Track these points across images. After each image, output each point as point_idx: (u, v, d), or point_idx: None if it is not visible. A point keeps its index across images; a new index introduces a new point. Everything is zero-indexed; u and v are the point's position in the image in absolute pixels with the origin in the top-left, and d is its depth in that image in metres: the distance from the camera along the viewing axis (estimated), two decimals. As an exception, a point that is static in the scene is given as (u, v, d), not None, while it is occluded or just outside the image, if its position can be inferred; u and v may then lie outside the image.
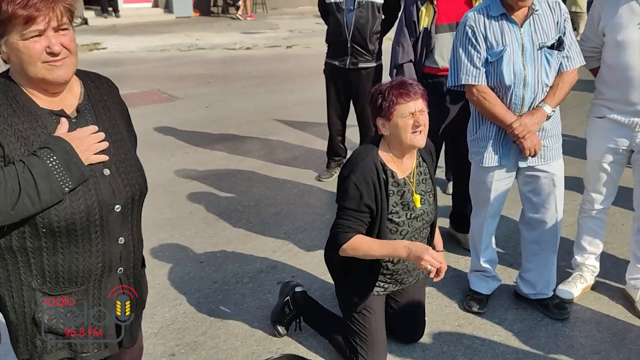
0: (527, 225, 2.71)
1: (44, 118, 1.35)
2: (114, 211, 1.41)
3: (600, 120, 2.58)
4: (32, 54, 1.28)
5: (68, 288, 1.41)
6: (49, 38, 1.29)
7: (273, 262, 3.28)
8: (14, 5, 1.23)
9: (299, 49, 10.32)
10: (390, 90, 2.14)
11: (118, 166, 1.43)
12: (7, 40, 1.28)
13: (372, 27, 3.88)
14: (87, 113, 1.43)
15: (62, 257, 1.37)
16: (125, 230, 1.47)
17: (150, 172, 5.11)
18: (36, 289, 1.40)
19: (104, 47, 10.44)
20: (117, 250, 1.45)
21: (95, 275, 1.43)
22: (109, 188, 1.40)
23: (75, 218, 1.34)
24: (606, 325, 2.66)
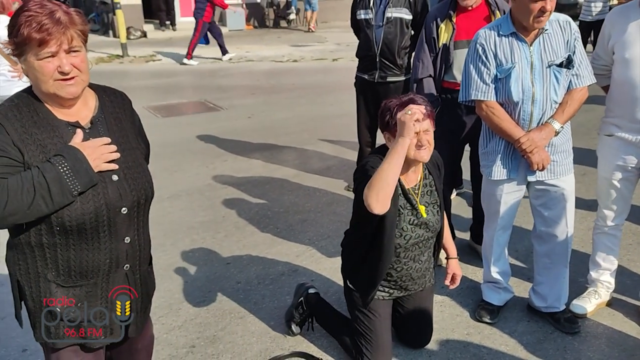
0: (539, 238, 2.75)
1: (61, 129, 1.52)
2: (121, 213, 1.56)
3: (609, 138, 2.60)
4: (45, 73, 1.46)
5: (79, 281, 1.57)
6: (61, 59, 1.45)
7: (295, 266, 3.44)
8: (30, 29, 1.41)
9: (345, 62, 10.51)
10: (398, 109, 2.23)
11: (126, 173, 1.58)
12: (25, 59, 1.47)
13: (401, 42, 4.00)
14: (99, 124, 1.60)
15: (73, 252, 1.53)
16: (131, 231, 1.61)
17: (189, 177, 5.41)
18: (51, 280, 1.56)
19: (159, 59, 10.99)
20: (123, 248, 1.60)
21: (104, 271, 1.59)
22: (116, 192, 1.55)
23: (85, 218, 1.50)
24: (617, 341, 2.66)
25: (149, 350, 1.99)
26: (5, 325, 2.88)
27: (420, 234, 2.39)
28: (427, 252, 2.49)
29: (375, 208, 2.08)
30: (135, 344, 1.88)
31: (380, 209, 2.09)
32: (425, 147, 2.24)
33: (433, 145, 2.30)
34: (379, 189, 2.07)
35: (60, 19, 1.44)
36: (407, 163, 2.32)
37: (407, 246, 2.38)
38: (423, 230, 2.39)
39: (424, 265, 2.49)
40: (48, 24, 1.43)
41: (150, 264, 1.81)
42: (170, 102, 7.62)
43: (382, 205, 2.08)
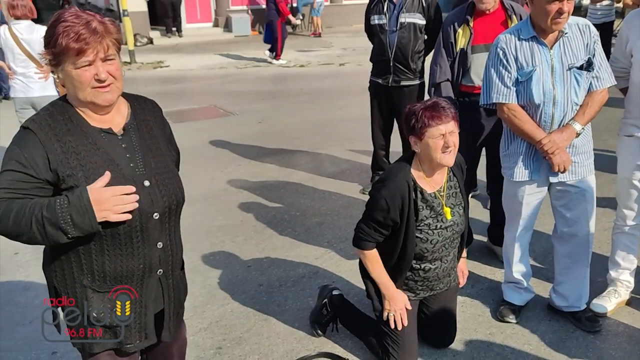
0: (560, 239, 2.79)
1: (94, 135, 1.56)
2: (153, 219, 1.59)
3: (629, 139, 2.65)
4: (83, 81, 1.49)
5: (114, 286, 1.60)
6: (97, 67, 1.50)
7: (315, 268, 3.48)
8: (68, 39, 1.45)
9: (351, 67, 10.58)
10: (424, 112, 2.29)
11: (157, 178, 1.61)
12: (62, 68, 1.50)
13: (414, 47, 4.06)
14: (132, 131, 1.63)
15: (108, 258, 1.56)
16: (163, 236, 1.64)
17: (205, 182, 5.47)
18: (87, 286, 1.59)
19: (167, 65, 11.08)
20: (156, 253, 1.63)
21: (137, 276, 1.62)
22: (148, 198, 1.57)
23: (119, 223, 1.52)
24: (638, 339, 2.69)
25: (182, 353, 2.02)
26: (32, 328, 2.93)
27: (447, 235, 2.44)
28: (452, 251, 2.53)
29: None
30: (169, 347, 1.92)
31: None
32: (450, 150, 2.29)
33: (457, 148, 2.35)
34: (364, 261, 2.51)
35: (96, 29, 1.49)
36: (433, 167, 2.37)
37: (434, 250, 2.43)
38: (450, 232, 2.44)
39: (450, 264, 2.54)
40: (85, 33, 1.47)
41: (182, 269, 1.83)
42: (181, 108, 7.68)
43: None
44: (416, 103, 2.41)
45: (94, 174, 1.52)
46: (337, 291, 2.84)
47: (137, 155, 1.61)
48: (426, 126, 2.27)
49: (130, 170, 1.58)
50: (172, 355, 1.96)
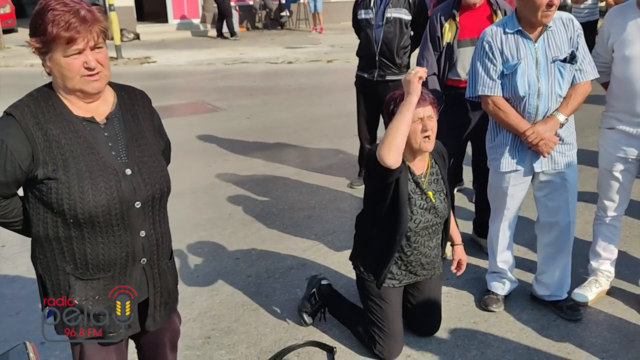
0: (542, 229, 2.85)
1: (76, 124, 1.55)
2: (134, 207, 1.58)
3: (610, 131, 2.72)
4: (72, 69, 1.49)
5: (96, 274, 1.60)
6: (87, 56, 1.50)
7: (303, 260, 3.51)
8: (58, 28, 1.45)
9: (339, 64, 10.61)
10: (402, 97, 2.33)
11: (140, 167, 1.61)
12: (51, 56, 1.49)
13: (400, 42, 4.10)
14: (115, 120, 1.63)
15: (89, 246, 1.56)
16: (146, 225, 1.63)
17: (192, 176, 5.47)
18: (70, 273, 1.59)
19: (154, 61, 11.02)
20: (139, 242, 1.62)
21: (120, 264, 1.61)
22: (130, 186, 1.57)
23: (97, 211, 1.52)
24: (618, 328, 2.76)
25: (174, 343, 2.02)
26: (20, 319, 2.93)
27: (430, 218, 2.49)
28: (435, 238, 2.58)
29: (387, 160, 2.20)
30: (161, 337, 1.92)
31: (393, 161, 2.21)
32: (429, 134, 2.36)
33: (435, 134, 2.41)
34: (390, 140, 2.21)
35: (85, 17, 1.49)
36: (413, 152, 2.43)
37: (417, 230, 2.48)
38: (432, 215, 2.49)
39: (433, 252, 2.59)
40: (75, 22, 1.46)
41: (171, 259, 1.82)
42: (169, 104, 7.66)
43: (394, 158, 2.21)
44: (395, 92, 2.46)
45: (73, 162, 1.52)
46: (326, 281, 2.88)
47: (119, 143, 1.61)
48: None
49: (112, 159, 1.57)
50: (164, 345, 1.96)
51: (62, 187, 1.51)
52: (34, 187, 1.55)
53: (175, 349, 2.05)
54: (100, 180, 1.53)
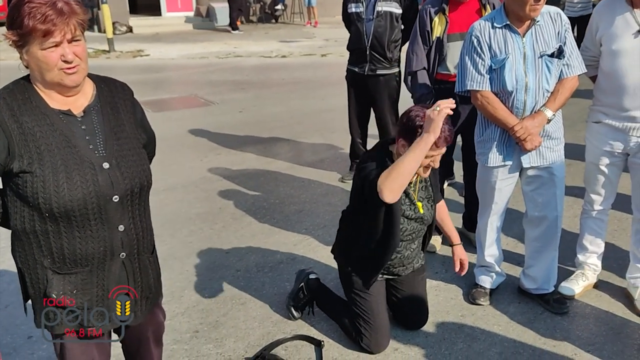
0: (530, 223, 2.86)
1: (52, 117, 1.54)
2: (112, 201, 1.56)
3: (596, 125, 2.73)
4: (50, 62, 1.48)
5: (74, 268, 1.58)
6: (64, 48, 1.48)
7: (293, 254, 3.52)
8: (35, 21, 1.43)
9: (333, 57, 10.60)
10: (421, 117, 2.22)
11: (119, 161, 1.59)
12: (28, 49, 1.47)
13: (390, 36, 4.10)
14: (94, 113, 1.61)
15: (66, 240, 1.55)
16: (125, 219, 1.61)
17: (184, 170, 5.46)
18: (47, 267, 1.57)
19: (147, 54, 10.97)
20: (117, 236, 1.60)
21: (98, 259, 1.59)
22: (107, 180, 1.55)
23: (73, 205, 1.50)
24: (604, 321, 2.78)
25: (158, 337, 2.01)
26: (7, 313, 2.92)
27: (415, 226, 2.51)
28: (417, 240, 2.61)
29: (387, 197, 2.16)
30: (144, 331, 1.91)
31: (392, 198, 2.18)
32: (431, 167, 2.37)
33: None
34: (395, 178, 2.15)
35: (62, 9, 1.47)
36: None
37: (402, 237, 2.49)
38: (418, 223, 2.51)
39: (414, 252, 2.63)
40: (52, 14, 1.44)
41: (153, 253, 1.80)
42: (161, 97, 7.64)
43: (394, 196, 2.18)
44: (421, 108, 2.29)
45: (48, 155, 1.50)
46: (314, 275, 2.89)
47: (97, 137, 1.59)
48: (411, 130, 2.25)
49: (89, 152, 1.56)
50: (147, 340, 1.95)
51: (37, 180, 1.49)
52: (10, 180, 1.54)
53: (160, 344, 2.04)
54: (76, 174, 1.52)
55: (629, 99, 2.54)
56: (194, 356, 2.60)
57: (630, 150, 2.66)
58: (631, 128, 2.60)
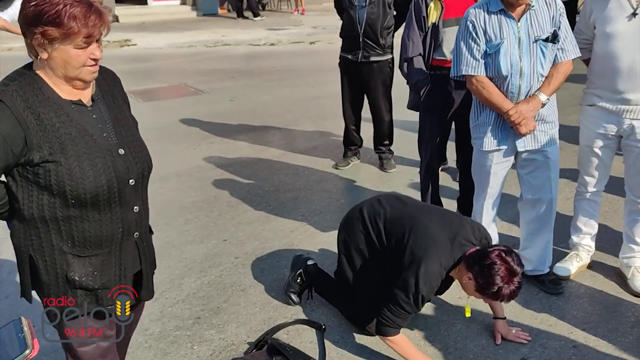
0: (525, 206, 2.91)
1: (66, 107, 1.58)
2: (129, 185, 1.65)
3: (590, 108, 2.77)
4: (81, 60, 1.54)
5: (94, 250, 1.64)
6: (94, 48, 1.55)
7: (290, 241, 3.54)
8: (80, 24, 1.48)
9: (322, 45, 10.55)
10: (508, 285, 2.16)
11: (130, 147, 1.67)
12: (58, 47, 1.50)
13: (383, 22, 4.11)
14: (99, 102, 1.67)
15: (88, 224, 1.61)
16: (138, 201, 1.72)
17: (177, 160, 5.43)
18: (67, 252, 1.62)
19: (134, 44, 10.84)
20: (133, 217, 1.70)
21: (117, 239, 1.67)
22: (124, 165, 1.63)
23: (99, 191, 1.58)
24: (598, 300, 2.85)
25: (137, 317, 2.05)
26: (9, 303, 2.92)
27: None
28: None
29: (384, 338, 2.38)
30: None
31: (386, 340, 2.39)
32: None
33: None
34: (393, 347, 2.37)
35: (101, 13, 1.53)
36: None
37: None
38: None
39: None
40: (94, 18, 1.51)
41: (151, 232, 1.90)
42: (150, 87, 7.57)
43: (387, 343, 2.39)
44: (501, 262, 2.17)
45: (71, 144, 1.54)
46: (312, 261, 2.91)
47: (108, 125, 1.65)
48: (493, 294, 2.21)
49: (104, 140, 1.62)
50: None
51: (63, 169, 1.54)
52: (27, 170, 1.56)
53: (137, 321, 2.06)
54: (99, 161, 1.59)
55: (623, 82, 2.58)
56: (197, 342, 2.62)
57: (624, 133, 2.70)
58: (625, 110, 2.64)
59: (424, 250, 2.29)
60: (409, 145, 4.83)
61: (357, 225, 2.58)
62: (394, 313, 2.31)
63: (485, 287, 2.19)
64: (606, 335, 2.59)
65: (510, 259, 2.18)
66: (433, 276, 2.28)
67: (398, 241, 2.39)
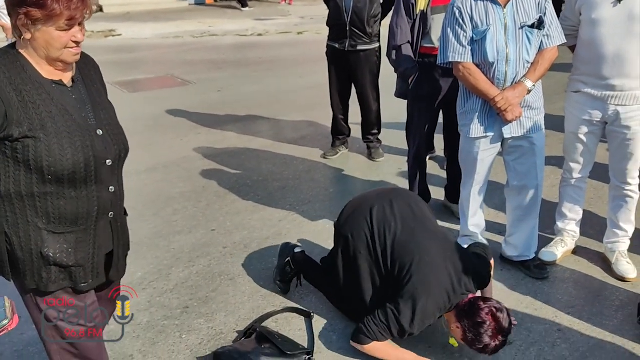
0: (512, 192, 2.93)
1: (47, 86, 1.62)
2: (106, 164, 1.70)
3: (575, 95, 2.79)
4: (63, 42, 1.58)
5: (70, 227, 1.68)
6: (77, 30, 1.59)
7: (279, 230, 3.54)
8: (62, 7, 1.53)
9: (310, 35, 10.51)
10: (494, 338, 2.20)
11: (108, 128, 1.72)
12: (41, 28, 1.54)
13: (370, 11, 4.10)
14: (79, 84, 1.71)
15: (64, 201, 1.65)
16: (114, 181, 1.76)
17: (164, 150, 5.40)
18: (42, 228, 1.65)
19: (119, 34, 10.72)
20: (108, 197, 1.74)
21: (93, 217, 1.72)
22: (102, 145, 1.68)
23: (77, 168, 1.62)
24: (583, 284, 2.89)
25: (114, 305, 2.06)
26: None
27: None
28: None
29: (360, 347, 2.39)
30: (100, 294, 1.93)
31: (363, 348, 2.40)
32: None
33: None
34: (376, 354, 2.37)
35: None
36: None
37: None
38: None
39: None
40: (77, 1, 1.54)
41: (126, 214, 1.93)
42: (137, 78, 7.50)
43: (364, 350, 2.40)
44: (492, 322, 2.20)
45: (51, 122, 1.58)
46: (299, 248, 2.92)
47: (87, 106, 1.69)
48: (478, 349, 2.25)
49: (83, 120, 1.66)
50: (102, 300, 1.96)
51: (41, 145, 1.57)
52: (5, 145, 1.58)
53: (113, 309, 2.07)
54: (78, 139, 1.62)
55: (608, 68, 2.60)
56: (186, 331, 2.62)
57: (609, 119, 2.73)
58: (609, 97, 2.67)
59: (426, 290, 2.28)
60: (397, 134, 4.84)
61: (364, 226, 2.49)
62: (379, 328, 2.33)
63: (472, 342, 2.25)
64: (590, 318, 2.63)
65: (502, 316, 2.22)
66: (428, 317, 2.31)
67: (401, 268, 2.35)
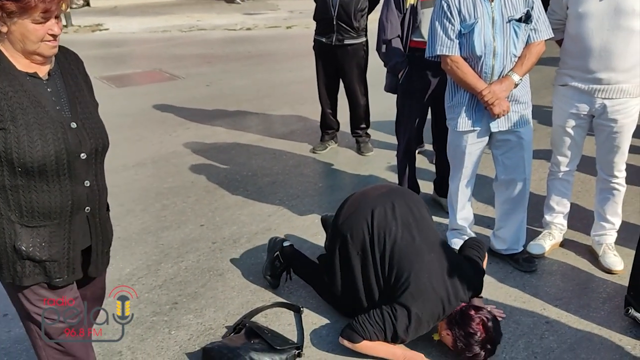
0: (500, 186, 2.94)
1: (21, 78, 1.62)
2: (80, 158, 1.68)
3: (563, 88, 2.81)
4: (39, 35, 1.58)
5: (43, 221, 1.67)
6: (53, 24, 1.59)
7: (268, 225, 3.53)
8: None
9: (299, 29, 10.48)
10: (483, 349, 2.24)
11: (84, 122, 1.70)
12: (17, 20, 1.55)
13: (357, 5, 4.10)
14: (56, 77, 1.70)
15: (36, 194, 1.63)
16: (90, 176, 1.74)
17: (153, 145, 5.37)
18: (15, 221, 1.64)
19: (106, 28, 10.63)
20: (84, 191, 1.72)
21: (67, 212, 1.70)
22: (75, 139, 1.66)
23: (47, 161, 1.60)
24: (570, 277, 2.91)
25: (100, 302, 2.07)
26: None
27: None
28: None
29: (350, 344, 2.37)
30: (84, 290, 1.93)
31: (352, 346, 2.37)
32: None
33: None
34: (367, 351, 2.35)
35: None
36: None
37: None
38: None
39: None
40: None
41: (108, 210, 1.92)
42: (124, 72, 7.45)
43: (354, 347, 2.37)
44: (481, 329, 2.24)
45: (21, 114, 1.57)
46: (288, 242, 2.91)
47: (62, 99, 1.68)
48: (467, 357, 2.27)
49: (57, 113, 1.65)
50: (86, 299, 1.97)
51: (11, 137, 1.56)
52: None
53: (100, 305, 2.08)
54: (49, 131, 1.61)
55: (595, 61, 2.61)
56: (175, 327, 2.61)
57: (596, 112, 2.75)
58: (596, 90, 2.68)
59: (423, 301, 2.30)
60: (386, 129, 4.85)
61: (364, 227, 2.46)
62: (375, 328, 2.32)
63: (461, 351, 2.28)
64: (578, 310, 2.65)
65: (492, 326, 2.25)
66: (422, 326, 2.33)
67: (399, 276, 2.36)
